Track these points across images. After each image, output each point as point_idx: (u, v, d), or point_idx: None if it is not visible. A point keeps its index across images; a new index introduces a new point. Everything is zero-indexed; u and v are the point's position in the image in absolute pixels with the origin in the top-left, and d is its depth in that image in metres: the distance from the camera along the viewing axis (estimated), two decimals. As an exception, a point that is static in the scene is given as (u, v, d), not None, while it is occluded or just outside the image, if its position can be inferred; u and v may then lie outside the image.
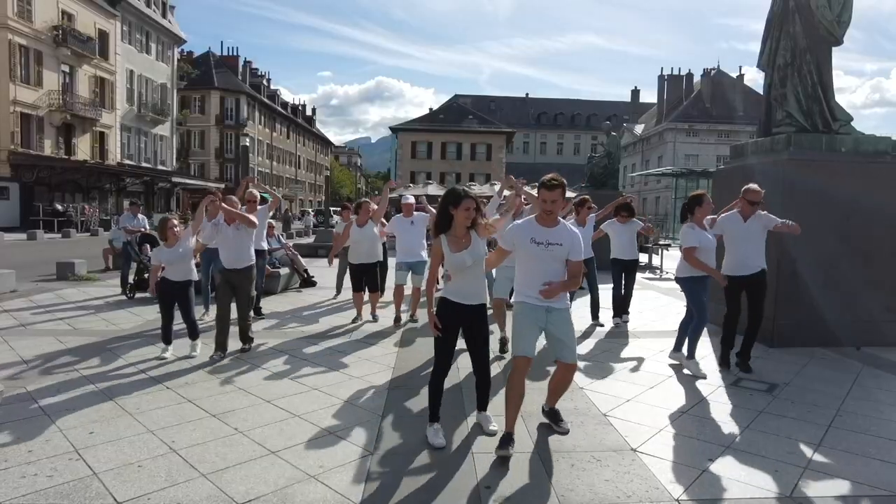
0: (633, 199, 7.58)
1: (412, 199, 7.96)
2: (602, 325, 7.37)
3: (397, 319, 7.31)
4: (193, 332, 5.75)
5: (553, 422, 3.97)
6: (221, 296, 5.80)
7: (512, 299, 3.91)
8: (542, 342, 4.05)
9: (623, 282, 7.59)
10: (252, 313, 6.28)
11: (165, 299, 5.68)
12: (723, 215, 5.62)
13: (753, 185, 5.43)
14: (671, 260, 5.85)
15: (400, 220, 7.73)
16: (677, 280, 5.59)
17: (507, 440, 3.50)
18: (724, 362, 5.52)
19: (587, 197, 7.43)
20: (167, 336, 5.70)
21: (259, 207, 6.93)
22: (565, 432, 3.86)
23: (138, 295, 9.11)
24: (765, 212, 5.41)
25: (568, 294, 3.78)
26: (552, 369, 5.43)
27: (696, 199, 5.39)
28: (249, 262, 5.85)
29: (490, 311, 4.62)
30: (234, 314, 5.84)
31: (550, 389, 4.03)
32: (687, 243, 5.33)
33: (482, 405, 3.95)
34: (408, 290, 7.48)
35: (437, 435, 3.67)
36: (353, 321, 7.39)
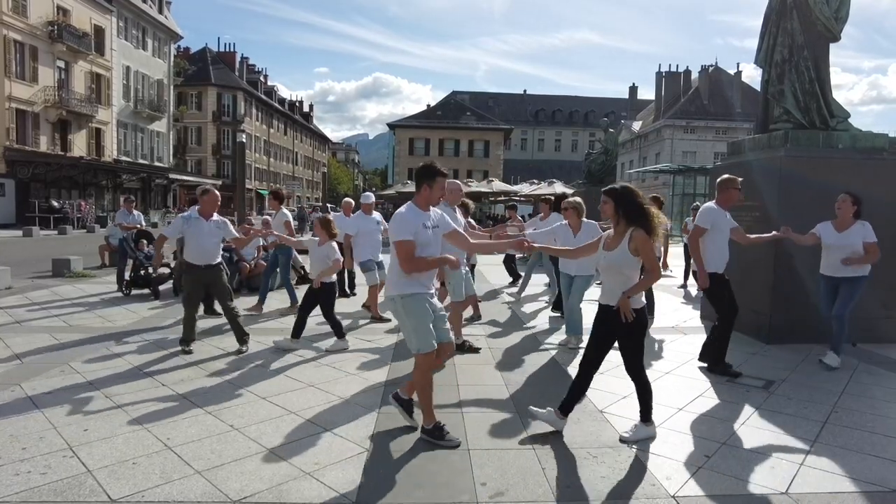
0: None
1: (373, 199, 8.19)
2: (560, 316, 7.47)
3: (378, 318, 7.36)
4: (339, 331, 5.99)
5: (406, 411, 3.87)
6: (192, 295, 5.77)
7: (397, 291, 3.59)
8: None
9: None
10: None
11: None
12: (707, 206, 5.47)
13: (730, 175, 5.44)
14: (671, 257, 5.83)
15: (362, 217, 7.75)
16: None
17: (439, 431, 3.59)
18: (726, 370, 5.23)
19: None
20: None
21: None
22: (417, 426, 3.78)
23: (134, 292, 9.08)
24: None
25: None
26: (541, 361, 5.45)
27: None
28: (219, 259, 5.91)
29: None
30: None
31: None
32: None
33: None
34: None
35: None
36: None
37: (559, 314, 7.64)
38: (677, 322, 7.54)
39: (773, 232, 5.54)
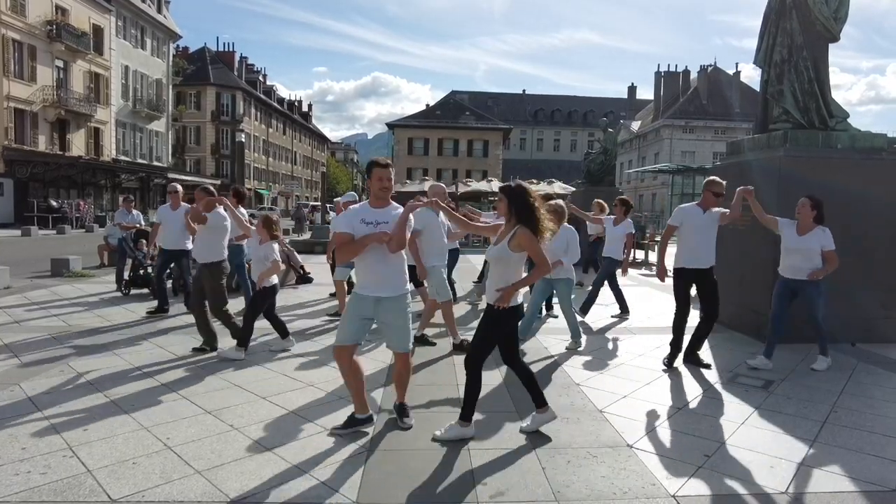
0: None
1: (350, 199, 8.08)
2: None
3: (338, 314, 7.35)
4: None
5: (399, 416, 3.93)
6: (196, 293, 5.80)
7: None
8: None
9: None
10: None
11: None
12: (681, 206, 5.69)
13: (717, 178, 5.50)
14: (667, 257, 5.85)
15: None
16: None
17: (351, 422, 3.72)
18: (670, 363, 5.42)
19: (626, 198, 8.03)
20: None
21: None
22: (408, 427, 3.82)
23: (133, 291, 9.08)
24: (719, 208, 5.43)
25: (407, 281, 3.79)
26: (542, 362, 5.46)
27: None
28: (217, 258, 5.74)
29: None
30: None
31: (395, 383, 4.00)
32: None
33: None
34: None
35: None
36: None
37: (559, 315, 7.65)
38: (676, 322, 7.55)
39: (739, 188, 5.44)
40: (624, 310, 7.85)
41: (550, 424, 3.92)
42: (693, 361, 5.48)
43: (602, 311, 7.93)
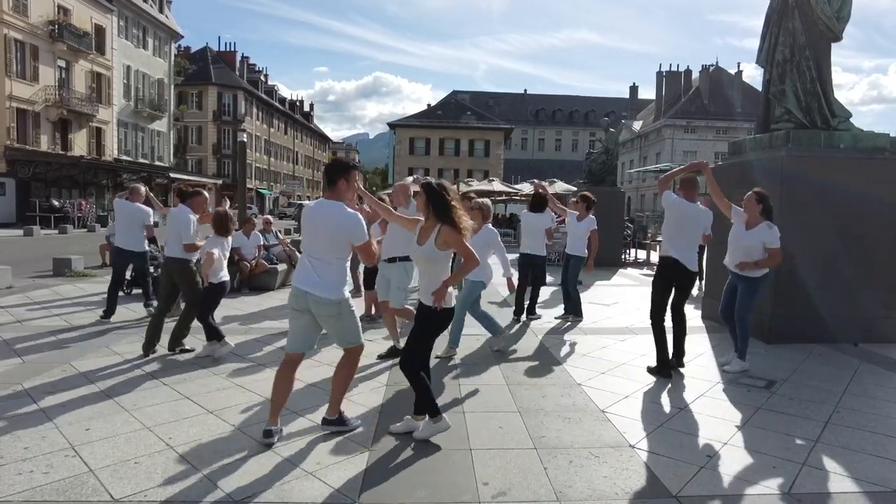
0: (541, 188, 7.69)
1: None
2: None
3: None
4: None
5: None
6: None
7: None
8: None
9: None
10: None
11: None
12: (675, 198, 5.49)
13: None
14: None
15: None
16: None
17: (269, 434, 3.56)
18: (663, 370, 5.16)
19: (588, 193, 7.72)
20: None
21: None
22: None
23: (135, 291, 9.08)
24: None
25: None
26: (543, 362, 5.45)
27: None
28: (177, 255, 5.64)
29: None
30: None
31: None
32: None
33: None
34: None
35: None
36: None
37: (563, 315, 7.65)
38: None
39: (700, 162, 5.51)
40: (575, 311, 7.51)
41: (552, 424, 3.92)
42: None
43: (602, 310, 7.92)
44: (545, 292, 7.92)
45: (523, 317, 7.45)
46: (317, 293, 3.52)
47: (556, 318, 7.62)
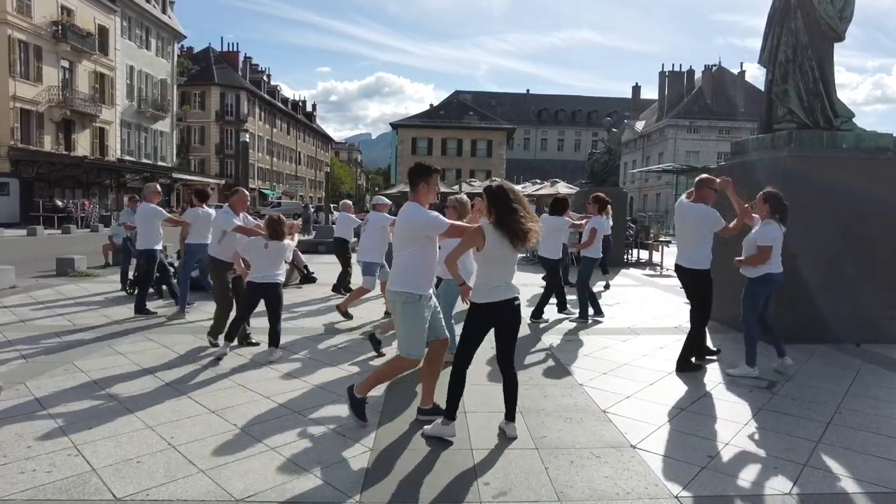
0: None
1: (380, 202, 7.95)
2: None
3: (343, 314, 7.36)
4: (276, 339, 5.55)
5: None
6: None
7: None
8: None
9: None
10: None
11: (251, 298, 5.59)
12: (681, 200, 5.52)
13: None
14: (671, 257, 5.87)
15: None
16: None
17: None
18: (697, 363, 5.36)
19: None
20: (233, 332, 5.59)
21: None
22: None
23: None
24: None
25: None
26: (544, 362, 5.45)
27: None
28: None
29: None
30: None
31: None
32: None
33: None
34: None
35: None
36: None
37: (565, 315, 7.66)
38: (680, 322, 7.52)
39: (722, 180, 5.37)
40: (538, 315, 7.42)
41: (553, 424, 3.93)
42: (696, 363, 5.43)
43: (605, 310, 7.91)
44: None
45: (559, 313, 7.58)
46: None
47: (569, 320, 7.59)
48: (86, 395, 4.35)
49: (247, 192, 6.27)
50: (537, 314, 7.43)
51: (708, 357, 5.66)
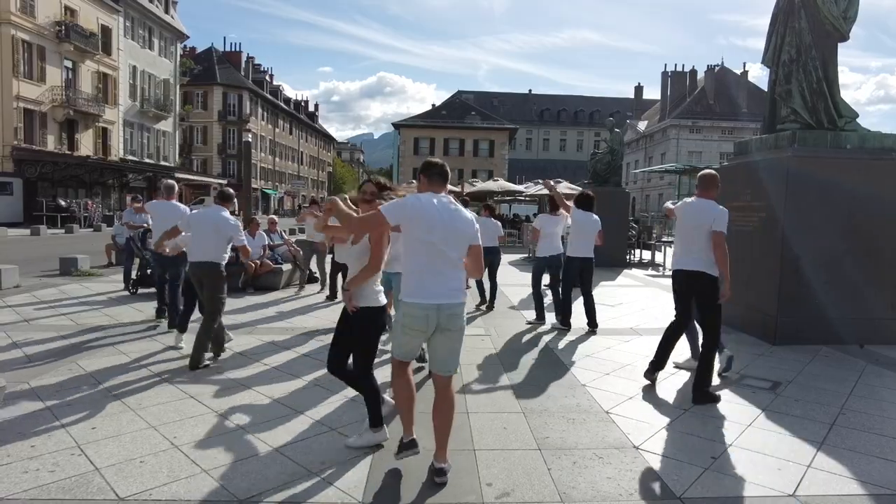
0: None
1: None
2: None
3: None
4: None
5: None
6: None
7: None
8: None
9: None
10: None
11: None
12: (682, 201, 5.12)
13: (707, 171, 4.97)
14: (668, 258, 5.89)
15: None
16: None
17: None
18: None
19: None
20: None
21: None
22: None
23: (141, 290, 9.12)
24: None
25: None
26: (546, 363, 5.45)
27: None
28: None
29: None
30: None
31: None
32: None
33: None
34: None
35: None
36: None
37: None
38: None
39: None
40: (539, 317, 7.31)
41: (556, 425, 3.92)
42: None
43: (607, 311, 7.90)
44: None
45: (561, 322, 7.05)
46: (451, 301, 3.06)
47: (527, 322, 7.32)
48: (89, 395, 4.36)
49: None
50: (539, 316, 7.37)
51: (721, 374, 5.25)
